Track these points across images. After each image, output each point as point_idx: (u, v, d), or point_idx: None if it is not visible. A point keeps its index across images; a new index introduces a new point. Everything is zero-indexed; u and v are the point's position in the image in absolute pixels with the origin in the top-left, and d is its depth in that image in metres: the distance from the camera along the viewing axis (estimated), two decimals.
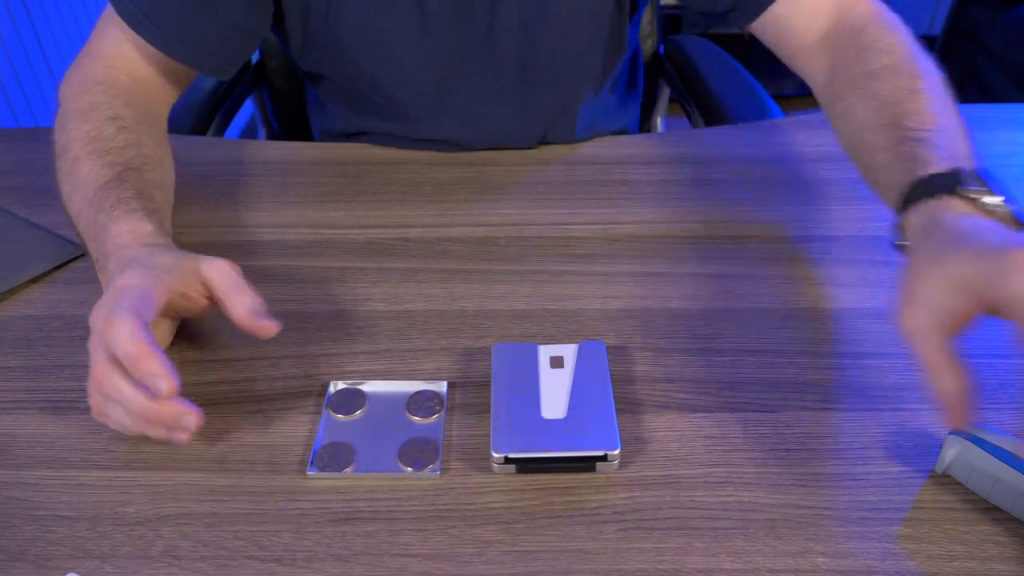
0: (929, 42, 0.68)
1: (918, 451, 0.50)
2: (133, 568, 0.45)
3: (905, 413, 0.52)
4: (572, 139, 0.84)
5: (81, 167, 0.63)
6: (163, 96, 0.75)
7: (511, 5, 0.74)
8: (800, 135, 0.82)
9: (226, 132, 1.03)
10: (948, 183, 0.49)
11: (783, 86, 2.04)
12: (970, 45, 2.16)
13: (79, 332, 0.61)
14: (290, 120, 1.13)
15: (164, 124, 0.75)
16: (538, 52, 0.78)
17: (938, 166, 0.51)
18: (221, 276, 0.53)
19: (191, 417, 0.47)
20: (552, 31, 0.77)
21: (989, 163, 0.79)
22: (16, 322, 0.62)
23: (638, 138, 0.89)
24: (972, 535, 0.45)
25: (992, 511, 0.46)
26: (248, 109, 1.13)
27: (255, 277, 0.66)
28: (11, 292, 0.65)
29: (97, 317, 0.49)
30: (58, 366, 0.58)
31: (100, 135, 0.65)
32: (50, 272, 0.67)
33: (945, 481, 0.48)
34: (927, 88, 0.60)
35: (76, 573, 0.44)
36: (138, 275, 0.51)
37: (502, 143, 0.82)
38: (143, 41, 0.70)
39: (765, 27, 0.73)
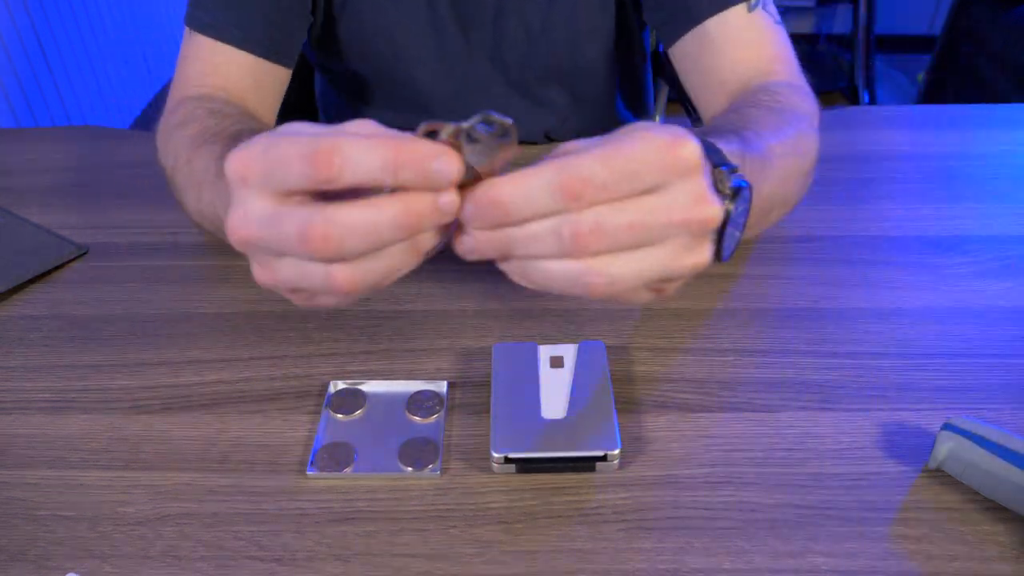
0: (929, 42, 0.68)
1: (918, 451, 0.50)
2: (133, 568, 0.45)
3: (905, 413, 0.52)
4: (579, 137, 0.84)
5: (195, 166, 0.59)
6: (261, 108, 0.73)
7: (514, 17, 0.75)
8: None
9: None
10: (710, 148, 0.45)
11: None
12: (970, 45, 2.17)
13: (79, 332, 0.61)
14: (290, 120, 1.13)
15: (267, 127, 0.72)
16: (543, 60, 0.78)
17: (721, 145, 0.48)
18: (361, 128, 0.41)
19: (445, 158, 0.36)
20: (555, 40, 0.77)
21: (989, 163, 0.79)
22: (16, 322, 0.62)
23: None
24: (973, 535, 0.45)
25: (993, 510, 0.46)
26: None
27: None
28: (11, 292, 0.65)
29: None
30: (58, 366, 0.58)
31: (204, 130, 0.62)
32: (50, 272, 0.67)
33: (945, 480, 0.48)
34: (783, 132, 0.57)
35: (76, 573, 0.44)
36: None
37: None
38: (229, 50, 0.70)
39: (687, 54, 0.71)
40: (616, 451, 0.48)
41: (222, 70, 0.71)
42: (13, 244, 0.69)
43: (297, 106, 1.12)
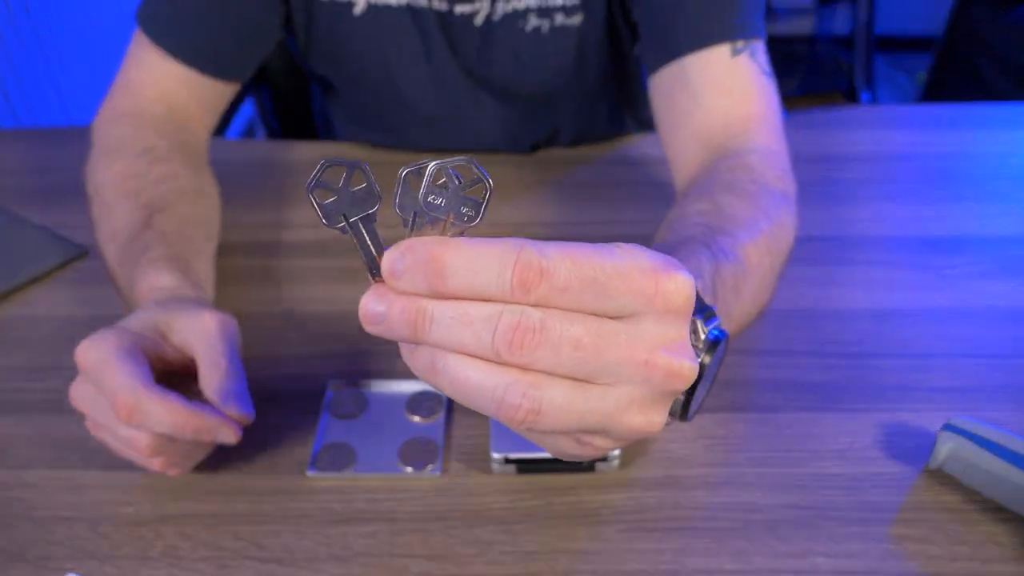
0: (929, 42, 0.68)
1: (918, 451, 0.50)
2: (133, 568, 0.44)
3: (905, 413, 0.52)
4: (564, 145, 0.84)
5: (114, 214, 0.60)
6: (199, 121, 0.73)
7: (500, 46, 0.74)
8: (800, 135, 0.82)
9: (226, 132, 1.03)
10: None
11: (783, 86, 2.05)
12: (970, 45, 2.16)
13: (79, 332, 0.60)
14: (290, 120, 1.13)
15: (203, 149, 0.72)
16: (530, 87, 0.77)
17: (693, 268, 0.43)
18: (197, 343, 0.47)
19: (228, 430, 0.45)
20: (546, 68, 0.75)
21: (989, 163, 0.79)
22: (16, 322, 0.62)
23: (638, 138, 0.89)
24: (973, 535, 0.45)
25: (993, 511, 0.46)
26: (248, 109, 1.13)
27: (255, 277, 0.66)
28: (11, 292, 0.65)
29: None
30: (58, 366, 0.58)
31: (130, 173, 0.63)
32: (50, 272, 0.67)
33: (946, 481, 0.48)
34: (759, 227, 0.52)
35: (76, 573, 0.44)
36: (108, 339, 0.46)
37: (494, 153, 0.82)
38: (170, 61, 0.69)
39: (663, 89, 0.65)
40: (616, 451, 0.48)
41: (162, 80, 0.70)
42: (13, 244, 0.69)
43: (296, 108, 1.12)
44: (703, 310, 0.38)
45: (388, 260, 0.30)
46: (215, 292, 0.61)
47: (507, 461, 0.48)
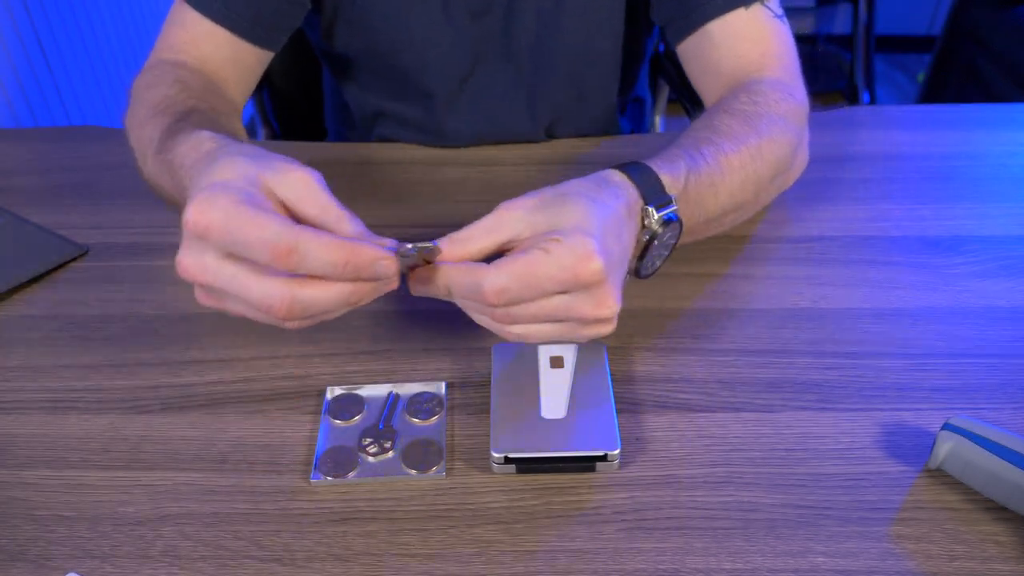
0: (929, 42, 0.69)
1: (918, 451, 0.50)
2: (133, 568, 0.45)
3: (905, 413, 0.52)
4: (579, 133, 0.85)
5: (145, 132, 0.62)
6: (235, 86, 0.74)
7: (528, 5, 0.76)
8: None
9: None
10: (648, 181, 0.53)
11: None
12: (970, 45, 2.17)
13: (79, 332, 0.61)
14: (290, 120, 1.13)
15: (238, 106, 0.74)
16: (552, 49, 0.79)
17: (666, 171, 0.55)
18: (307, 198, 0.45)
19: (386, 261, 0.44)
20: (566, 31, 0.78)
21: (989, 163, 0.79)
22: (16, 322, 0.62)
23: (637, 138, 0.89)
24: (972, 535, 0.45)
25: (992, 510, 0.46)
26: (248, 109, 1.13)
27: None
28: (11, 292, 0.65)
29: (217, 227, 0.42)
30: (58, 366, 0.58)
31: (163, 99, 0.64)
32: (50, 272, 0.67)
33: (945, 480, 0.48)
34: (748, 140, 0.62)
35: (76, 573, 0.44)
36: (225, 196, 0.42)
37: (512, 131, 0.83)
38: (209, 24, 0.71)
39: (691, 51, 0.75)
40: (616, 451, 0.48)
41: (202, 42, 0.72)
42: (13, 244, 0.69)
43: (296, 108, 1.12)
44: (660, 199, 0.53)
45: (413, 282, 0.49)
46: None
47: (507, 461, 0.48)
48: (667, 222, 0.53)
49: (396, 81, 0.82)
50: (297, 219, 0.45)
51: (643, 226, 0.53)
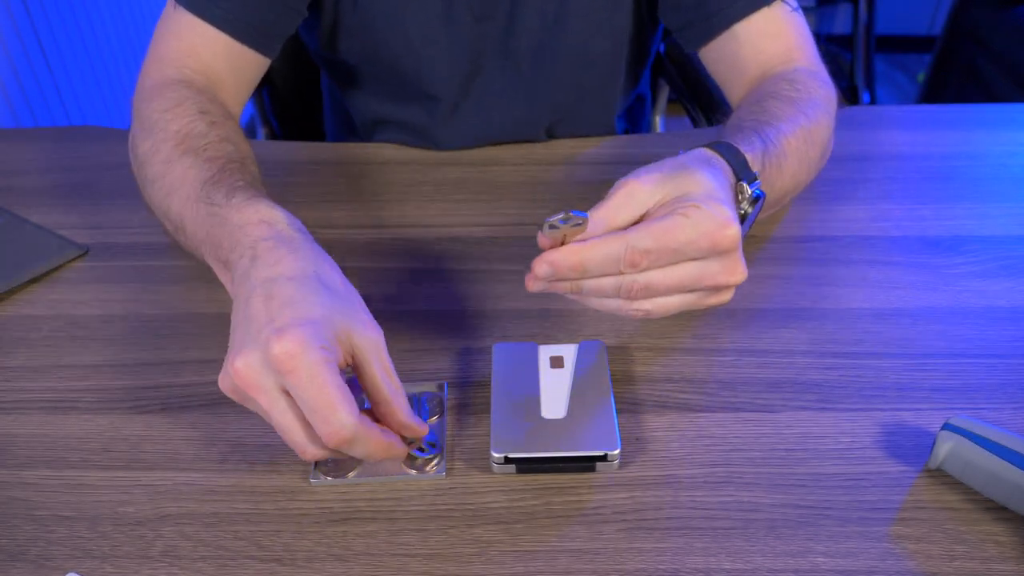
0: (929, 42, 0.69)
1: (918, 451, 0.50)
2: (133, 568, 0.45)
3: (904, 413, 0.52)
4: (580, 133, 0.85)
5: (176, 167, 0.59)
6: (235, 95, 0.74)
7: (531, 7, 0.76)
8: None
9: None
10: (737, 159, 0.55)
11: None
12: (970, 45, 2.16)
13: (79, 332, 0.61)
14: (290, 120, 1.13)
15: (237, 121, 0.73)
16: (554, 50, 0.79)
17: (746, 149, 0.57)
18: (373, 360, 0.46)
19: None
20: (569, 31, 0.78)
21: (989, 163, 0.79)
22: (16, 322, 0.62)
23: (637, 138, 0.89)
24: (972, 535, 0.45)
25: (992, 510, 0.46)
26: (248, 109, 1.13)
27: None
28: (11, 292, 0.65)
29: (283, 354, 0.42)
30: (58, 366, 0.58)
31: (192, 132, 0.62)
32: (50, 272, 0.67)
33: (945, 480, 0.48)
34: (798, 122, 0.64)
35: (76, 573, 0.44)
36: (313, 346, 0.42)
37: (513, 132, 0.84)
38: (207, 29, 0.70)
39: (715, 53, 0.76)
40: (616, 451, 0.48)
41: (201, 51, 0.71)
42: (13, 244, 0.69)
43: (296, 108, 1.12)
44: (749, 176, 0.55)
45: (542, 266, 0.48)
46: (214, 290, 0.61)
47: (507, 461, 0.48)
48: (756, 199, 0.54)
49: (397, 85, 0.82)
50: (357, 371, 0.47)
51: (738, 201, 0.54)
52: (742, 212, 0.54)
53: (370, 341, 0.46)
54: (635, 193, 0.49)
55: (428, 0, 0.76)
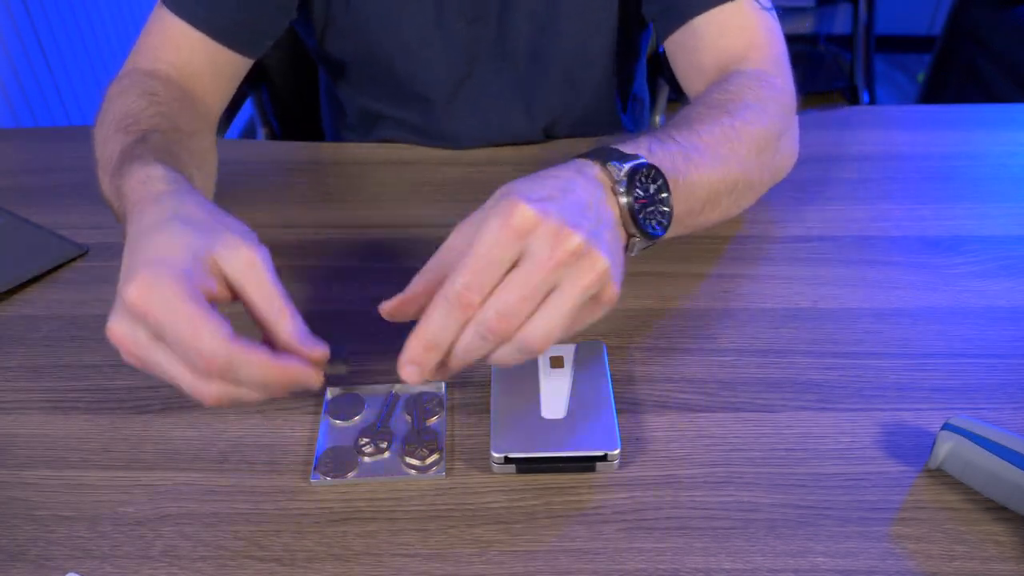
0: (929, 42, 0.69)
1: (918, 451, 0.50)
2: (133, 568, 0.45)
3: (904, 413, 0.52)
4: (577, 133, 0.85)
5: (108, 146, 0.60)
6: (212, 92, 0.74)
7: (522, 10, 0.76)
8: (800, 135, 0.82)
9: (226, 132, 1.03)
10: (602, 153, 0.52)
11: None
12: (970, 45, 2.17)
13: (79, 332, 0.61)
14: (290, 120, 1.13)
15: (211, 116, 0.73)
16: (547, 50, 0.79)
17: (624, 147, 0.53)
18: (250, 282, 0.44)
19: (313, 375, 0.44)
20: (561, 33, 0.78)
21: (989, 163, 0.79)
22: (16, 322, 0.62)
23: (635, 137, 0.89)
24: (972, 535, 0.45)
25: (992, 510, 0.46)
26: (248, 109, 1.13)
27: None
28: (11, 292, 0.65)
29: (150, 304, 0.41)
30: (58, 366, 0.58)
31: (129, 111, 0.63)
32: (50, 272, 0.67)
33: (945, 480, 0.48)
34: (718, 121, 0.61)
35: (76, 573, 0.44)
36: (169, 283, 0.42)
37: (510, 132, 0.83)
38: (189, 29, 0.70)
39: (677, 45, 0.74)
40: (616, 451, 0.48)
41: (181, 48, 0.71)
42: (13, 244, 0.69)
43: (296, 108, 1.12)
44: (615, 156, 0.51)
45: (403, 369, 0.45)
46: None
47: (507, 460, 0.48)
48: (635, 169, 0.50)
49: (392, 86, 0.82)
50: (238, 298, 0.45)
51: (613, 181, 0.50)
52: (623, 187, 0.49)
53: (239, 260, 0.44)
54: (453, 244, 0.48)
55: (421, 2, 0.76)
